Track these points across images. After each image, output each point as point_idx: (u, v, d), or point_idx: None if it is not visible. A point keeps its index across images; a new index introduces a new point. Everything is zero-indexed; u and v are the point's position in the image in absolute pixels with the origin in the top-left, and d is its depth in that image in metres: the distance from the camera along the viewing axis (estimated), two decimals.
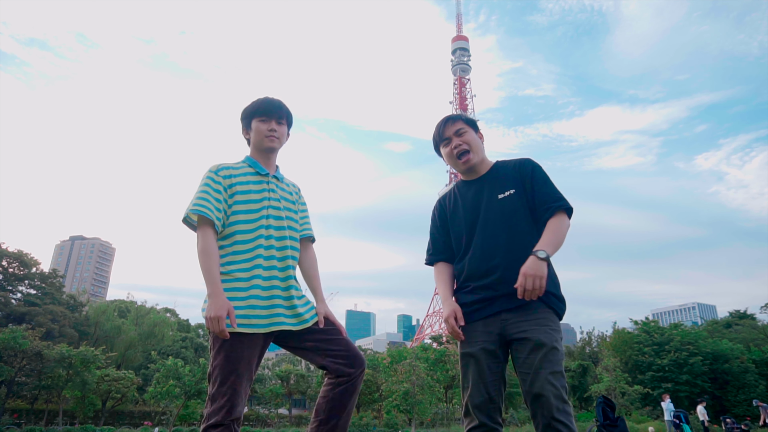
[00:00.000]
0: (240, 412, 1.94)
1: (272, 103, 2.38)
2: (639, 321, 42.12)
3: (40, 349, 25.54)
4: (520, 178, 2.31)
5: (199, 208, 2.13)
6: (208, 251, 2.08)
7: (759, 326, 45.92)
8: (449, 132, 2.39)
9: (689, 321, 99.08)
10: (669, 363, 35.71)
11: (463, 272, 2.32)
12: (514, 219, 2.25)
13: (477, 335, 2.20)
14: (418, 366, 26.76)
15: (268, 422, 33.60)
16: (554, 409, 1.96)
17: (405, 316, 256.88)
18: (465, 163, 2.38)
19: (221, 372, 1.97)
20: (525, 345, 2.08)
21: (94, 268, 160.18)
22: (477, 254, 2.27)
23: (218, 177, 2.24)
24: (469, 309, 2.25)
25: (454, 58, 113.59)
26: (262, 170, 2.34)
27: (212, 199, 2.18)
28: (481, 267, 2.24)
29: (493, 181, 2.36)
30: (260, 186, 2.31)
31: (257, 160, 2.38)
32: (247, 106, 2.42)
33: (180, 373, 24.64)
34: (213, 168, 2.28)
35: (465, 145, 2.37)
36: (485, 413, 2.15)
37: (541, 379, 2.00)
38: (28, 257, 39.77)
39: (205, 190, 2.20)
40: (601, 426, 7.19)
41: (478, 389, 2.16)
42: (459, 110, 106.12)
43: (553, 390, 1.99)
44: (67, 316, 38.62)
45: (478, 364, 2.17)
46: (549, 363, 2.03)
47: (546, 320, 2.12)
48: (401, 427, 27.15)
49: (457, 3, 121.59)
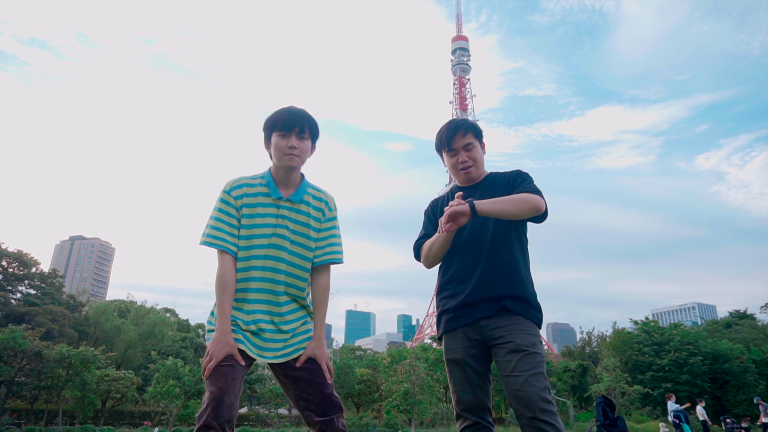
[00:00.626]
0: (228, 414, 1.91)
1: (293, 115, 2.17)
2: (639, 321, 42.15)
3: (40, 349, 25.55)
4: (511, 186, 2.38)
5: (213, 240, 2.08)
6: (224, 282, 2.06)
7: (759, 326, 45.91)
8: (458, 144, 2.43)
9: (689, 321, 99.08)
10: (669, 363, 35.72)
11: (445, 275, 2.40)
12: (498, 227, 2.31)
13: (459, 341, 2.28)
14: (418, 366, 26.78)
15: (268, 422, 33.60)
16: (537, 410, 2.00)
17: (405, 316, 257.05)
18: (466, 174, 2.46)
19: (210, 378, 1.99)
20: (504, 348, 2.15)
21: (93, 268, 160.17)
22: (462, 258, 2.34)
23: (230, 198, 2.14)
24: (451, 316, 2.32)
25: (453, 58, 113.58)
26: (275, 193, 2.18)
27: (226, 227, 2.10)
28: (465, 271, 2.32)
29: (486, 188, 2.43)
30: (268, 210, 2.16)
31: (276, 178, 2.21)
32: (268, 118, 2.21)
33: (180, 373, 24.65)
34: (227, 187, 2.17)
35: (470, 162, 2.43)
36: (475, 414, 2.23)
37: (522, 380, 2.05)
38: (28, 257, 39.78)
39: (218, 217, 2.12)
40: (601, 426, 7.18)
41: (465, 393, 2.24)
42: (459, 110, 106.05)
43: (535, 390, 2.02)
44: (67, 316, 38.61)
45: (463, 369, 2.25)
46: (529, 364, 2.08)
47: (523, 325, 2.18)
48: (401, 427, 27.14)
49: (457, 3, 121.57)
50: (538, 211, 2.19)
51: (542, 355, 2.16)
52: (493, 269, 2.26)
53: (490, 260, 2.27)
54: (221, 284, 2.06)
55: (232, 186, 2.16)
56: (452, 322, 2.31)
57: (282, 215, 2.16)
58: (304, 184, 2.25)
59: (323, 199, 2.28)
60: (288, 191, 2.21)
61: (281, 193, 2.18)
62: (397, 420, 27.54)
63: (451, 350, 2.31)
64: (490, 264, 2.27)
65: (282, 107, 2.20)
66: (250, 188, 2.18)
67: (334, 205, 2.31)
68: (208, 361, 1.97)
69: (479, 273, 2.27)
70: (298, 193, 2.21)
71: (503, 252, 2.29)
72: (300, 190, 2.22)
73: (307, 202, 2.23)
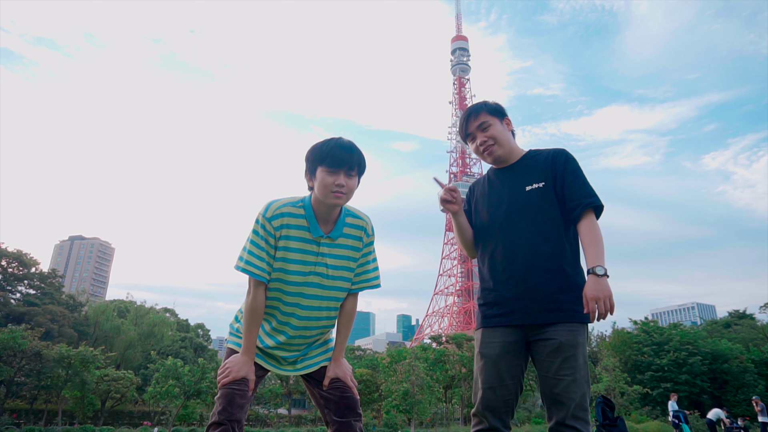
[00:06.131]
0: (238, 414, 1.95)
1: (343, 151, 2.00)
2: (638, 321, 42.16)
3: (40, 349, 25.51)
4: (552, 169, 2.20)
5: (252, 269, 2.02)
6: (255, 312, 2.04)
7: (758, 326, 45.90)
8: (472, 127, 2.32)
9: (688, 321, 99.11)
10: (668, 363, 35.71)
11: (483, 267, 2.27)
12: (540, 216, 2.14)
13: (497, 336, 2.13)
14: (418, 366, 26.75)
15: (268, 422, 33.58)
16: (569, 416, 1.92)
17: (404, 316, 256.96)
18: (490, 155, 2.31)
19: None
20: (546, 346, 2.01)
21: (93, 268, 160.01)
22: (499, 253, 2.19)
23: (270, 227, 2.02)
24: (490, 312, 2.18)
25: (453, 58, 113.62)
26: (316, 232, 2.06)
27: (265, 255, 2.03)
28: (504, 269, 2.16)
29: (523, 171, 2.27)
30: (308, 247, 2.07)
31: (317, 212, 2.08)
32: (314, 149, 2.05)
33: (179, 373, 24.60)
34: (268, 214, 2.03)
35: (490, 140, 2.29)
36: (498, 417, 2.08)
37: (563, 386, 1.94)
38: (28, 257, 39.72)
39: (258, 244, 2.03)
40: (601, 426, 7.18)
41: (493, 392, 2.08)
42: (458, 110, 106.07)
43: (574, 397, 1.93)
44: (67, 316, 38.56)
45: (497, 366, 2.09)
46: (570, 368, 1.96)
47: (571, 323, 2.03)
48: (401, 427, 27.15)
49: (457, 3, 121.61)
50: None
51: (585, 355, 2.02)
52: (529, 262, 2.10)
53: (522, 253, 2.12)
54: (253, 313, 2.04)
55: (274, 214, 2.03)
56: (493, 320, 2.15)
57: (322, 253, 2.09)
58: (342, 215, 2.14)
59: (362, 227, 2.18)
60: (328, 227, 2.10)
61: (321, 231, 2.07)
62: (396, 420, 27.52)
63: (487, 344, 2.13)
64: (526, 257, 2.11)
65: (330, 140, 2.05)
66: (292, 219, 2.05)
67: (372, 230, 2.22)
68: (224, 375, 2.00)
69: (522, 277, 2.10)
70: (338, 228, 2.11)
71: (538, 241, 2.11)
72: (339, 224, 2.12)
73: (346, 235, 2.14)
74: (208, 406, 25.78)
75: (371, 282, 2.23)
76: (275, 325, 2.12)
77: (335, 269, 2.12)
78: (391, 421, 27.29)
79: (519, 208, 2.18)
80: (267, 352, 2.15)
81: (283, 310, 2.11)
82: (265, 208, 2.05)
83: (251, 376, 2.03)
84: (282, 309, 2.10)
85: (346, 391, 2.13)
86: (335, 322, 2.24)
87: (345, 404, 2.09)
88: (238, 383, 1.98)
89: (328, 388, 2.13)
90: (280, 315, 2.11)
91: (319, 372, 2.20)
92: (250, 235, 2.07)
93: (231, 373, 1.99)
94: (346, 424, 2.05)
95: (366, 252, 2.20)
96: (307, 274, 2.08)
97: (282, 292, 2.09)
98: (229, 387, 1.97)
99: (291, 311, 2.10)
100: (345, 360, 2.23)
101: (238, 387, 1.97)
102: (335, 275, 2.12)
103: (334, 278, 2.12)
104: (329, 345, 2.28)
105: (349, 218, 2.16)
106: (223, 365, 2.05)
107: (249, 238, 2.07)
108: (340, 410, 2.08)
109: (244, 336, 2.05)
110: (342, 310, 2.22)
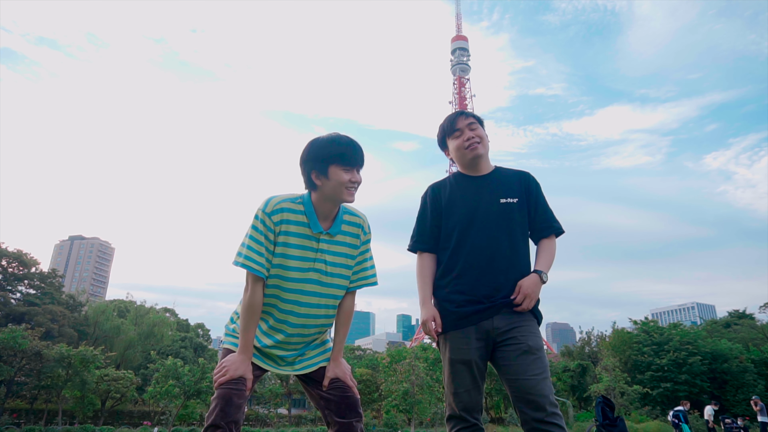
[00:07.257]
0: (235, 415, 1.92)
1: (357, 149, 2.06)
2: (638, 321, 42.17)
3: (40, 349, 25.53)
4: (525, 190, 2.38)
5: (251, 264, 2.01)
6: (254, 309, 2.03)
7: (758, 326, 45.87)
8: (462, 124, 2.44)
9: (688, 321, 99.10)
10: (668, 363, 35.73)
11: (455, 267, 2.29)
12: (513, 225, 2.30)
13: (471, 341, 2.20)
14: (418, 366, 26.77)
15: (268, 422, 33.58)
16: (546, 413, 2.01)
17: (404, 316, 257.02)
18: (473, 150, 2.38)
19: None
20: (514, 350, 2.13)
21: (93, 267, 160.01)
22: (475, 252, 2.26)
23: (269, 222, 2.03)
24: (461, 310, 2.22)
25: (453, 58, 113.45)
26: (316, 228, 2.08)
27: (264, 251, 2.03)
28: (481, 266, 2.24)
29: (496, 184, 2.38)
30: (307, 243, 2.08)
31: (318, 210, 2.10)
32: (322, 147, 2.05)
33: (179, 372, 24.63)
34: (268, 209, 2.05)
35: (477, 138, 2.40)
36: (473, 416, 2.22)
37: (534, 384, 2.05)
38: (28, 257, 39.74)
39: (256, 239, 2.03)
40: (601, 426, 7.19)
41: (470, 395, 2.21)
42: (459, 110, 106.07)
43: (546, 394, 2.05)
44: (67, 316, 38.58)
45: (472, 371, 2.20)
46: (540, 368, 2.09)
47: (533, 327, 2.20)
48: (400, 427, 27.15)
49: (457, 3, 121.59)
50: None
51: (546, 356, 2.18)
52: (502, 265, 2.24)
53: (499, 255, 2.25)
54: (250, 310, 2.03)
55: (273, 209, 2.05)
56: (467, 320, 2.21)
57: (321, 249, 2.11)
58: (340, 212, 2.17)
59: (359, 224, 2.21)
60: (327, 223, 2.13)
61: (321, 227, 2.10)
62: (396, 420, 27.54)
63: (459, 350, 2.21)
64: (500, 260, 2.24)
65: (335, 137, 2.08)
66: (292, 215, 2.07)
67: (369, 228, 2.25)
68: (221, 374, 1.99)
69: (488, 268, 2.23)
70: (337, 225, 2.14)
71: (522, 254, 2.30)
72: (338, 220, 2.15)
73: (344, 232, 2.17)
74: (208, 406, 25.76)
75: (369, 279, 2.25)
76: (272, 323, 2.11)
77: (334, 266, 2.13)
78: (391, 420, 27.29)
79: (495, 216, 2.31)
80: (264, 351, 2.13)
81: (280, 308, 2.09)
82: (264, 203, 2.06)
83: (248, 376, 2.00)
84: (280, 306, 2.09)
85: (346, 391, 2.12)
86: (333, 322, 2.24)
87: (346, 404, 2.09)
88: (236, 383, 1.96)
89: (329, 388, 2.13)
90: (278, 313, 2.10)
91: (317, 372, 2.19)
92: (248, 231, 2.07)
93: (228, 372, 1.97)
94: (347, 425, 2.05)
95: (363, 250, 2.23)
96: (307, 270, 2.08)
97: (280, 289, 2.08)
98: (226, 387, 1.95)
99: (289, 309, 2.09)
100: (344, 360, 2.24)
101: (235, 387, 1.95)
102: (334, 272, 2.14)
103: (332, 275, 2.13)
104: (327, 346, 2.27)
105: (346, 215, 2.19)
106: (220, 364, 2.03)
107: (248, 233, 2.07)
108: (342, 410, 2.08)
109: (241, 334, 2.03)
110: (340, 308, 2.23)
